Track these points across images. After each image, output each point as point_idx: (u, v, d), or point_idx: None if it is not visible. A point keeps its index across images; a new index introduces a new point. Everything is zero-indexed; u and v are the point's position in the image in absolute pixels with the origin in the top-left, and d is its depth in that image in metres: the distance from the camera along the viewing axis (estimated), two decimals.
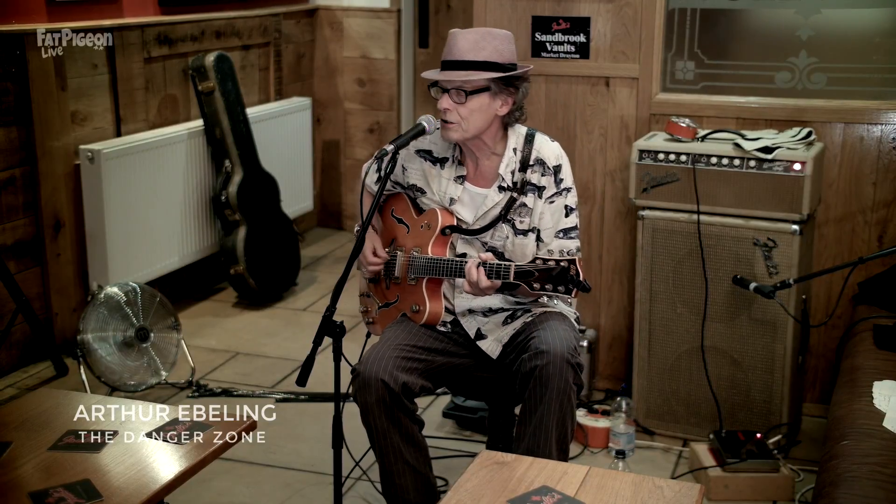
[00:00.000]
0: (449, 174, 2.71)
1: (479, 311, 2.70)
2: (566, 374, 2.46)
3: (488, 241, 2.67)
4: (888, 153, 3.37)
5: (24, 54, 3.81)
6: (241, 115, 4.75)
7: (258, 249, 4.74)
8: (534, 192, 2.64)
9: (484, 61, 2.52)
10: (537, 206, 2.64)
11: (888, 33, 3.36)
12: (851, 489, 2.16)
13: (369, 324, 2.91)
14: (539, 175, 2.64)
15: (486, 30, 2.57)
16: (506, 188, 2.64)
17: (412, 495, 2.62)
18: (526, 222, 2.64)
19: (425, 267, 2.65)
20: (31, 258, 4.00)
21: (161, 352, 3.81)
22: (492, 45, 2.53)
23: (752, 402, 3.30)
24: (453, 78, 2.53)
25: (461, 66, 2.52)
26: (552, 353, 2.46)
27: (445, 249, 2.68)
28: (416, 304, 2.69)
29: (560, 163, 2.66)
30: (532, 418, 2.50)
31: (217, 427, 2.28)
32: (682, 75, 3.58)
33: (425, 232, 2.70)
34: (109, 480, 2.04)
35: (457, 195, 2.69)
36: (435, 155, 2.73)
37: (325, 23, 5.88)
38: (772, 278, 3.18)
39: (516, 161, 2.64)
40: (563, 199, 2.65)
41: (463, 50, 2.52)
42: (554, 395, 2.46)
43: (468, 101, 2.54)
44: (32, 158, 3.93)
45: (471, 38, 2.53)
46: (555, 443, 2.50)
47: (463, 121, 2.56)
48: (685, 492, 2.07)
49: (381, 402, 2.49)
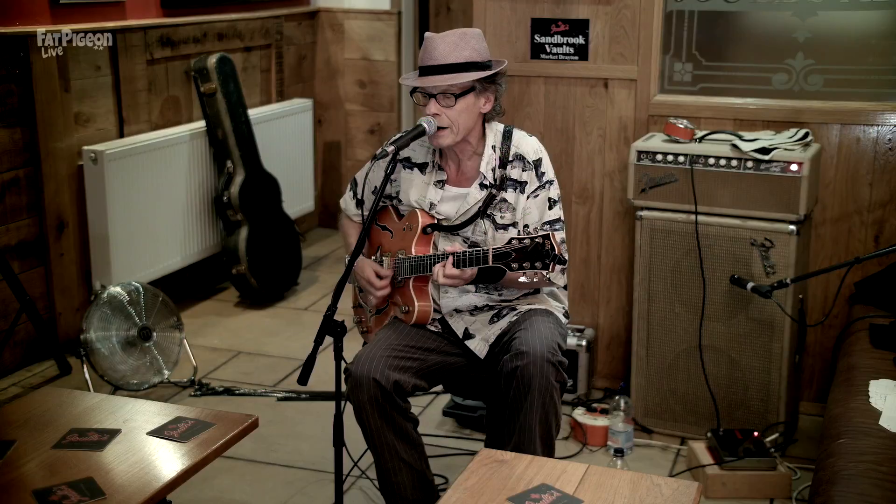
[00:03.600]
0: (429, 179, 2.73)
1: (466, 310, 2.72)
2: (547, 372, 2.49)
3: (470, 237, 2.69)
4: (884, 154, 3.39)
5: (28, 56, 3.83)
6: (242, 117, 4.78)
7: (260, 249, 4.76)
8: (514, 188, 2.66)
9: (466, 62, 2.54)
10: (520, 202, 2.66)
11: (884, 35, 3.38)
12: (848, 487, 2.18)
13: (364, 333, 2.93)
14: (519, 170, 2.66)
15: (461, 31, 2.58)
16: (486, 185, 2.66)
17: (409, 492, 2.64)
18: (507, 217, 2.66)
19: (410, 266, 2.67)
20: (35, 258, 4.02)
21: (164, 351, 3.83)
22: (470, 46, 2.56)
23: (750, 400, 3.32)
24: (440, 83, 2.54)
25: (444, 69, 2.54)
26: (532, 353, 2.48)
27: (429, 248, 2.70)
28: (405, 305, 2.71)
29: (540, 156, 2.68)
30: (517, 417, 2.53)
31: (219, 425, 2.30)
32: (679, 77, 3.60)
33: (407, 233, 2.72)
34: (112, 478, 2.05)
35: (437, 199, 2.71)
36: (413, 161, 2.75)
37: (326, 25, 5.91)
38: (769, 278, 3.20)
39: (496, 158, 2.67)
40: (546, 192, 2.68)
41: (444, 53, 2.54)
42: (536, 395, 2.49)
43: (457, 104, 2.56)
44: (36, 159, 3.96)
45: (449, 41, 2.54)
46: (539, 440, 2.54)
47: (453, 124, 2.58)
48: (683, 490, 2.08)
49: (373, 401, 2.52)
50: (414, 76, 2.61)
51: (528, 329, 2.56)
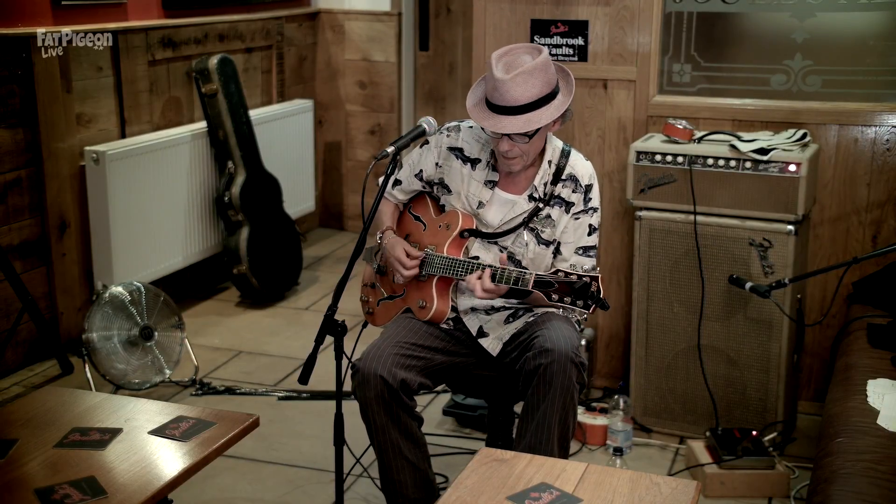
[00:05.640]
0: (480, 177, 2.71)
1: (482, 309, 2.72)
2: (570, 372, 2.49)
3: (508, 246, 2.68)
4: (882, 154, 3.40)
5: (30, 57, 3.84)
6: (243, 117, 4.79)
7: (261, 249, 4.77)
8: (560, 206, 2.66)
9: (539, 98, 2.49)
10: (562, 220, 2.67)
11: (882, 36, 3.39)
12: (846, 486, 2.18)
13: (368, 314, 2.92)
14: (570, 191, 2.67)
15: (530, 67, 2.47)
16: (536, 198, 2.66)
17: (411, 491, 2.64)
18: (548, 233, 2.67)
19: (440, 265, 2.66)
20: (37, 258, 4.03)
21: (165, 350, 3.84)
22: (541, 79, 2.49)
23: (748, 399, 3.33)
24: (517, 129, 2.49)
25: (520, 110, 2.49)
26: (557, 351, 2.48)
27: (460, 251, 2.69)
28: (423, 299, 2.71)
29: (592, 182, 2.69)
30: (535, 416, 2.53)
31: (220, 424, 2.31)
32: (678, 78, 3.61)
33: (443, 232, 2.71)
34: (114, 477, 2.06)
35: (486, 199, 2.70)
36: (466, 154, 2.73)
37: (326, 26, 5.92)
38: (767, 278, 3.21)
39: (550, 173, 2.67)
40: (588, 218, 2.68)
41: (518, 95, 2.47)
42: (558, 394, 2.49)
43: (531, 140, 2.56)
44: (38, 160, 3.97)
45: (521, 81, 2.46)
46: (556, 440, 2.53)
47: (525, 154, 2.58)
48: (682, 488, 2.09)
49: (379, 399, 2.52)
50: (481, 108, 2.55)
51: (551, 328, 2.56)
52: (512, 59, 2.53)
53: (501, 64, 2.51)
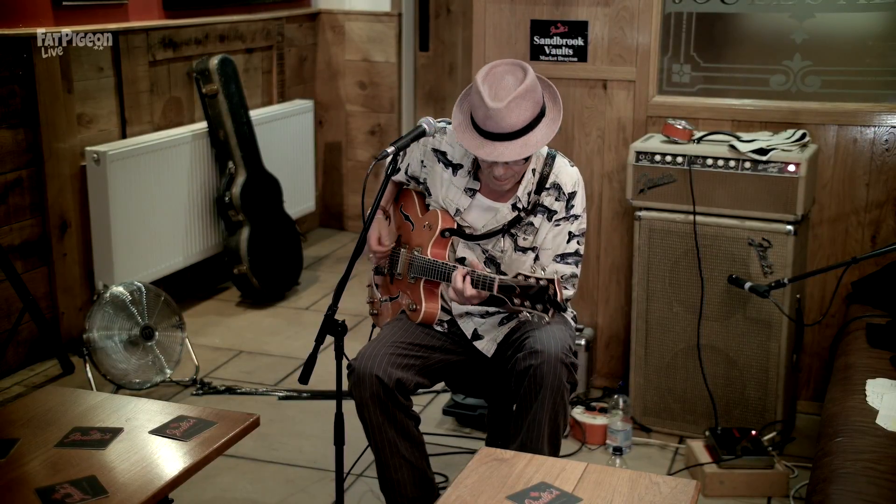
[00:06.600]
0: (460, 183, 2.70)
1: (477, 313, 2.73)
2: (560, 373, 2.50)
3: (489, 250, 2.69)
4: (881, 155, 3.40)
5: (31, 57, 3.85)
6: (244, 118, 4.79)
7: (261, 249, 4.78)
8: (543, 213, 2.66)
9: (531, 122, 2.47)
10: (543, 227, 2.66)
11: (881, 37, 3.39)
12: (845, 485, 2.18)
13: (373, 315, 2.94)
14: (553, 199, 2.65)
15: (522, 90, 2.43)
16: (519, 208, 2.65)
17: (409, 490, 2.65)
18: (529, 240, 2.66)
19: (422, 268, 2.68)
20: (38, 258, 4.04)
21: (165, 350, 3.85)
22: (531, 100, 2.46)
23: (748, 399, 3.33)
24: (517, 156, 2.46)
25: (514, 135, 2.46)
26: (546, 352, 2.49)
27: (445, 251, 2.70)
28: (413, 302, 2.73)
29: (576, 190, 2.67)
30: (525, 415, 2.54)
31: (220, 424, 2.31)
32: (678, 78, 3.62)
33: (426, 232, 2.72)
34: (115, 477, 2.07)
35: (464, 206, 2.69)
36: (449, 158, 2.72)
37: (326, 26, 5.92)
38: (766, 278, 3.21)
39: (534, 182, 2.65)
40: (568, 225, 2.66)
41: (513, 122, 2.44)
42: (548, 394, 2.50)
43: (525, 162, 2.55)
44: (39, 160, 3.98)
45: (514, 107, 2.43)
46: (547, 439, 2.55)
47: (516, 174, 2.58)
48: (681, 488, 2.09)
49: (375, 398, 2.53)
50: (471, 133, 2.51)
51: (543, 329, 2.56)
52: (496, 81, 2.46)
53: (487, 88, 2.45)
